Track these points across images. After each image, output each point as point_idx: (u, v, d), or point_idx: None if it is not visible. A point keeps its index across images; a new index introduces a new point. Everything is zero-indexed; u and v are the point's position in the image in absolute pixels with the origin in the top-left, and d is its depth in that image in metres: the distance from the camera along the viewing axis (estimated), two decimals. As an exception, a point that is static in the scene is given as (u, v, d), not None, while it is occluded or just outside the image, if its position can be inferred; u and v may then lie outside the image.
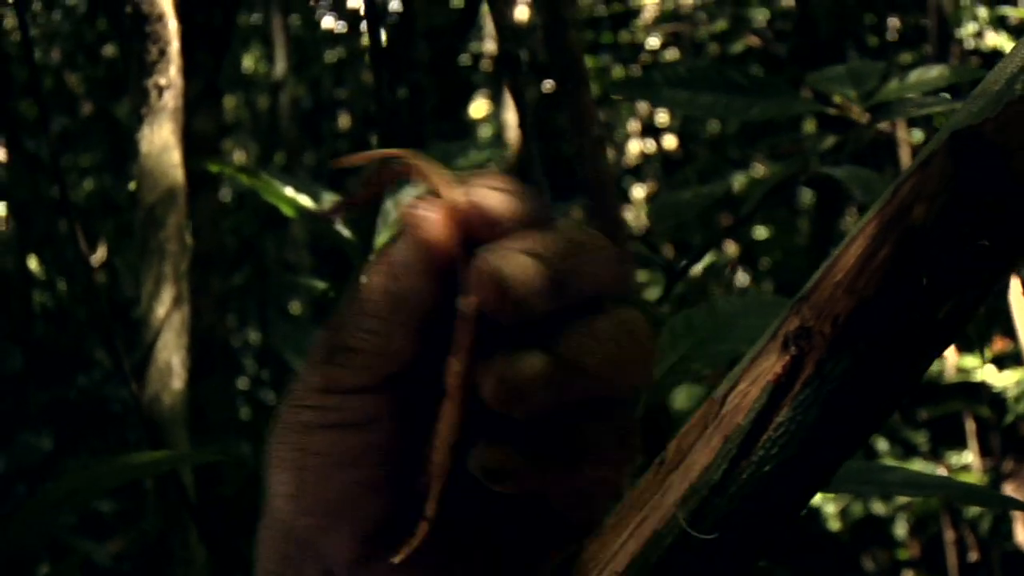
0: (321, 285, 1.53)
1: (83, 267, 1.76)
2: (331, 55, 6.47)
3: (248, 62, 6.54)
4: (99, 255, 4.07)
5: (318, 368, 0.56)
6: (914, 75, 1.58)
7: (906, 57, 4.99)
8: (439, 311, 0.54)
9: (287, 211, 1.58)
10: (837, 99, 1.61)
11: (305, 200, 1.61)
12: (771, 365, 0.56)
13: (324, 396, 0.56)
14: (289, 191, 1.61)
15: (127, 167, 5.08)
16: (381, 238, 1.51)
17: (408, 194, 1.59)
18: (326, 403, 0.56)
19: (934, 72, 1.58)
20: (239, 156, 6.85)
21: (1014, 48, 0.53)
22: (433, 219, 0.53)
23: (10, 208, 5.15)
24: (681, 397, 2.98)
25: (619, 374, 0.54)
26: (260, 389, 5.80)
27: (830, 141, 1.63)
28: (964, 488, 1.15)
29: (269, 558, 0.61)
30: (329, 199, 1.66)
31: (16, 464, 3.14)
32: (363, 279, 0.56)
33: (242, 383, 5.56)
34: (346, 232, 1.56)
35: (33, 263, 4.75)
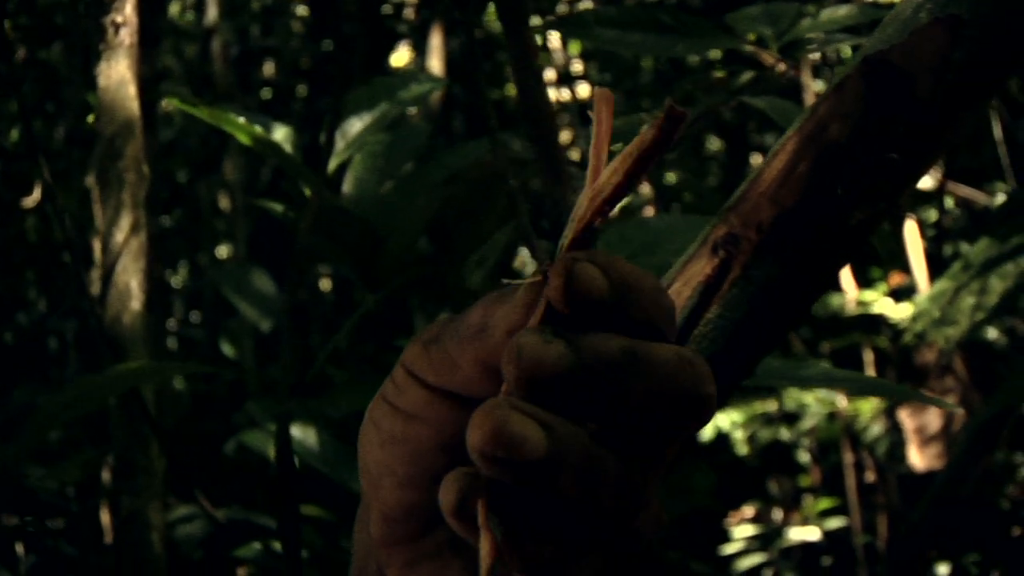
0: (279, 207, 1.63)
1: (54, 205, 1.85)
2: (258, 2, 6.49)
3: (174, 10, 6.55)
4: (34, 197, 4.12)
5: (413, 346, 0.58)
6: (825, 14, 1.71)
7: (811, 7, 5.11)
8: None
9: (243, 139, 1.67)
10: (752, 36, 1.73)
11: (258, 129, 1.70)
12: (702, 267, 0.60)
13: (404, 374, 0.57)
14: (243, 120, 1.70)
15: (58, 114, 5.10)
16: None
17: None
18: (401, 383, 0.57)
19: (843, 11, 1.71)
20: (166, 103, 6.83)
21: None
22: (554, 295, 0.52)
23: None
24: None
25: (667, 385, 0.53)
26: (187, 328, 5.89)
27: (747, 76, 1.76)
28: (872, 382, 1.28)
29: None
30: (281, 130, 1.76)
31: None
32: (479, 303, 0.55)
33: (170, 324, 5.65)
34: (292, 152, 1.65)
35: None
